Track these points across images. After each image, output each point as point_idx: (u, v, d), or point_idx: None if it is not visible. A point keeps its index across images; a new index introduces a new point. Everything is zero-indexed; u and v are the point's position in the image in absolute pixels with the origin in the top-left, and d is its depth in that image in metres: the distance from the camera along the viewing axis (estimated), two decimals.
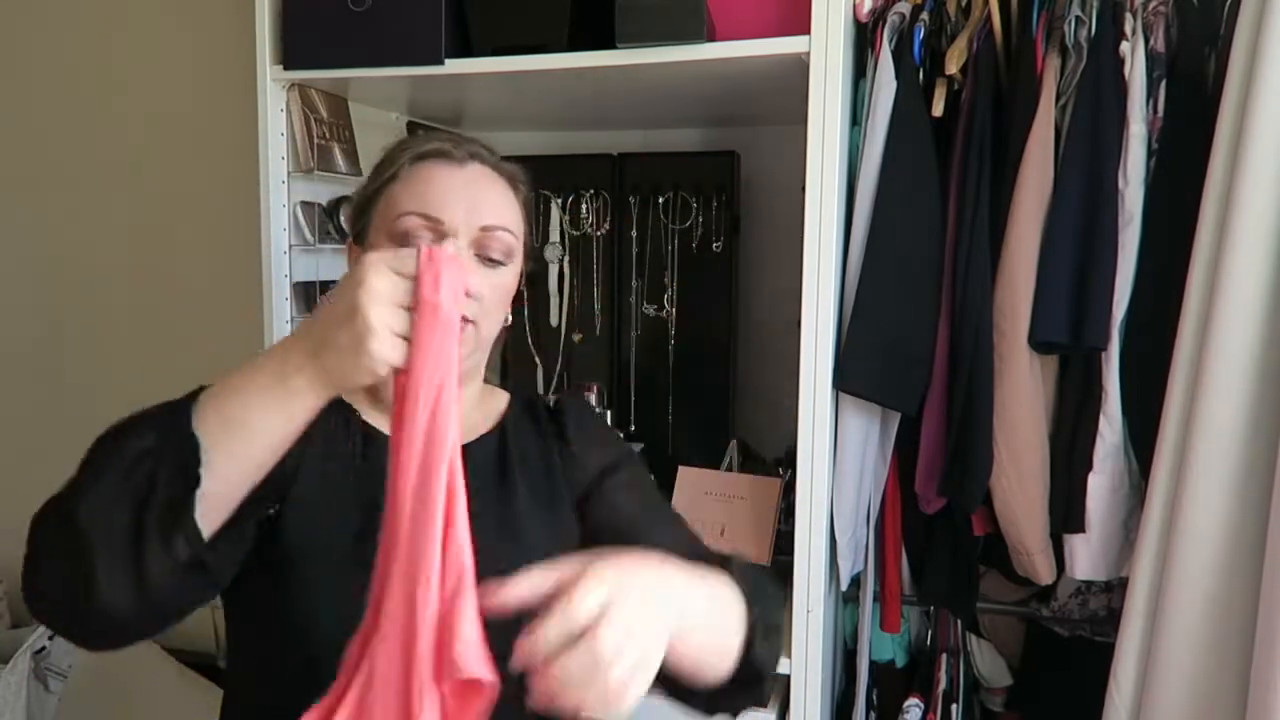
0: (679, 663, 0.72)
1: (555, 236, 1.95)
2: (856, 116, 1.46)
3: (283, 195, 1.57)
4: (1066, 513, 1.39)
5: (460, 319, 0.70)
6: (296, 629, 0.84)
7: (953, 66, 1.39)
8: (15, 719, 1.84)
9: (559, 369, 1.99)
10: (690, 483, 1.67)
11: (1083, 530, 1.38)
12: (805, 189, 1.34)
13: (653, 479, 1.06)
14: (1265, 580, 1.15)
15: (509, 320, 1.01)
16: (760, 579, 0.87)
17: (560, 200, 1.95)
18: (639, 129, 2.00)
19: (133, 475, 0.69)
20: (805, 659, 1.38)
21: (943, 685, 1.63)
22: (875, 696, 1.68)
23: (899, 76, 1.39)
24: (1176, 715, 1.24)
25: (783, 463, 1.74)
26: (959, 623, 1.70)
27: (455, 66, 1.45)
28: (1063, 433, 1.41)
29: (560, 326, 1.99)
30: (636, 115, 1.87)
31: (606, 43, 1.37)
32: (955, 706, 1.61)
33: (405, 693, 0.65)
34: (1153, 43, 1.33)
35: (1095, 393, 1.36)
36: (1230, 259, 1.18)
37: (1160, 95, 1.33)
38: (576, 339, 1.98)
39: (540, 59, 1.42)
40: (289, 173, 1.57)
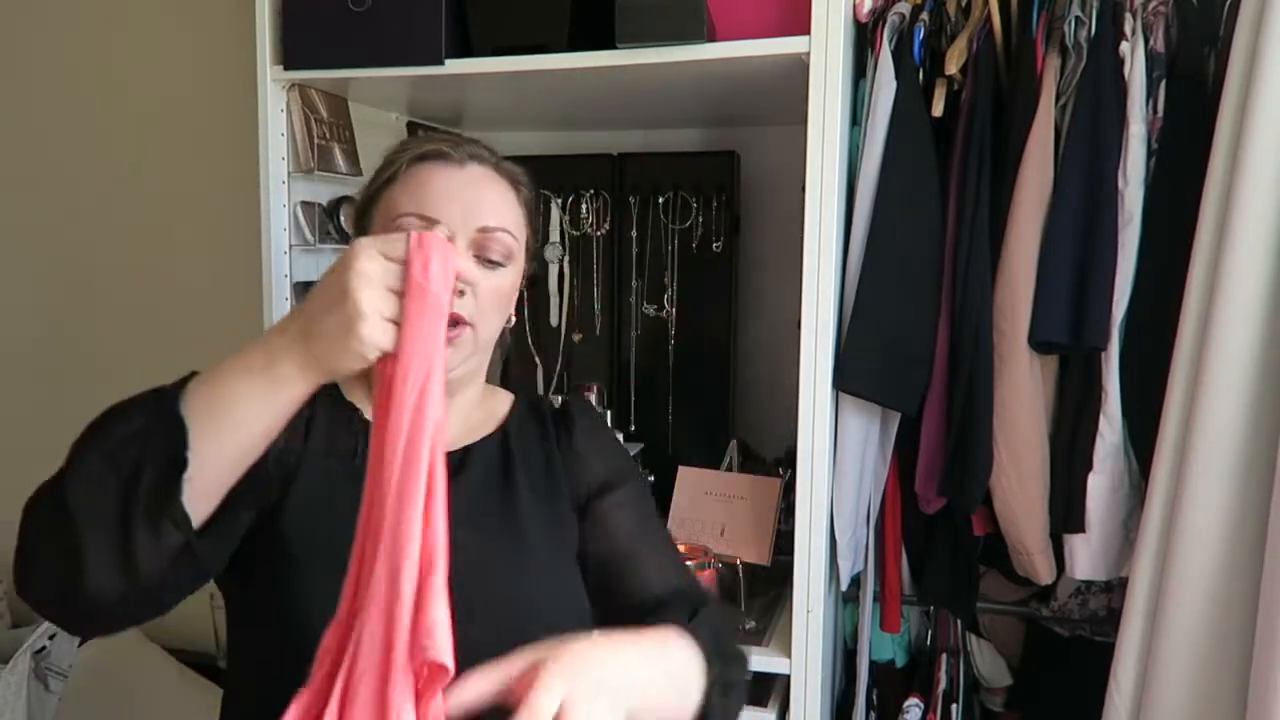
0: None
1: (555, 236, 1.96)
2: (856, 116, 1.46)
3: (283, 195, 1.57)
4: (1066, 513, 1.39)
5: (450, 304, 0.69)
6: (296, 628, 0.84)
7: (953, 66, 1.39)
8: (15, 719, 1.84)
9: (559, 369, 1.99)
10: (690, 483, 1.67)
11: (1083, 530, 1.38)
12: (805, 189, 1.34)
13: (651, 495, 1.06)
14: (1265, 579, 1.15)
15: (512, 321, 1.00)
16: (724, 633, 0.89)
17: (560, 200, 1.95)
18: (639, 129, 2.00)
19: (120, 459, 0.69)
20: (805, 659, 1.38)
21: (943, 685, 1.63)
22: (875, 696, 1.68)
23: (899, 76, 1.39)
24: (1176, 715, 1.24)
25: (783, 463, 1.74)
26: (959, 623, 1.70)
27: (455, 66, 1.45)
28: (1063, 433, 1.41)
29: (560, 326, 1.99)
30: (636, 115, 1.87)
31: (606, 43, 1.37)
32: (955, 706, 1.61)
33: (384, 677, 0.65)
34: (1152, 43, 1.33)
35: (1095, 393, 1.36)
36: (1230, 258, 1.18)
37: (1160, 95, 1.33)
38: (576, 339, 1.99)
39: (540, 59, 1.42)
40: (289, 173, 1.57)
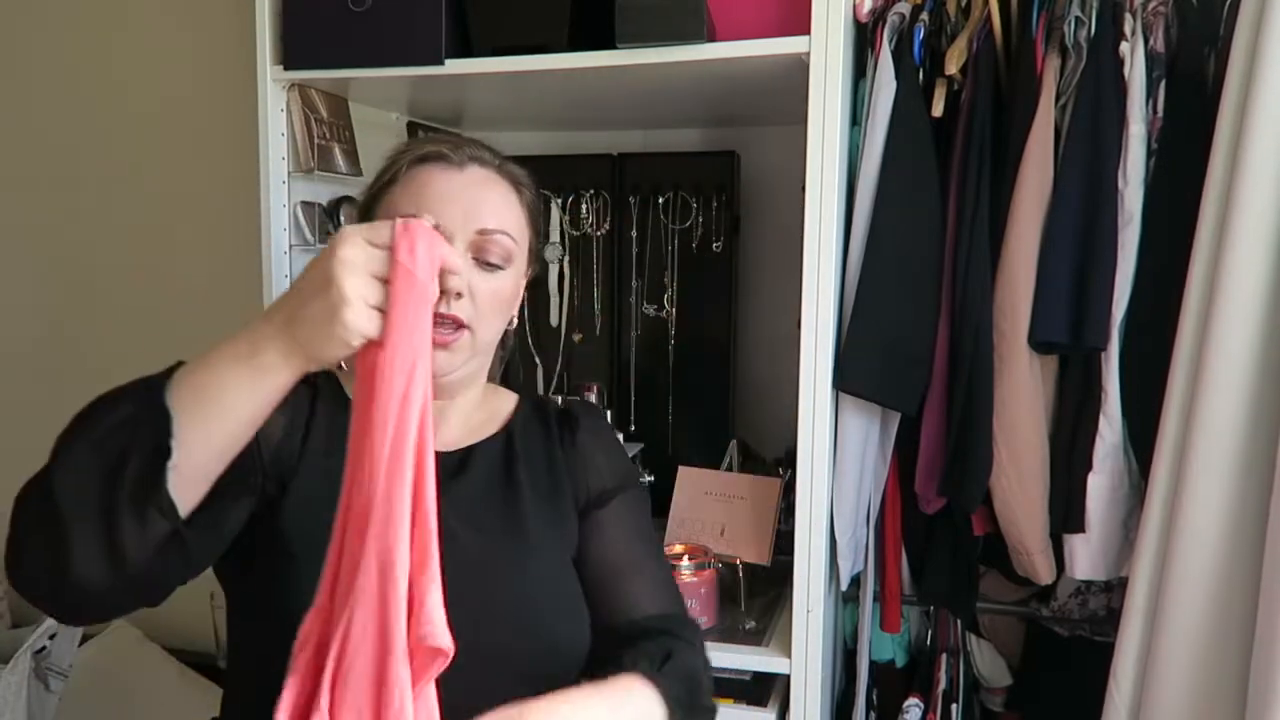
0: None
1: (555, 236, 1.96)
2: (856, 116, 1.46)
3: (283, 195, 1.57)
4: (1066, 513, 1.39)
5: (437, 291, 0.69)
6: (295, 624, 0.84)
7: (953, 66, 1.39)
8: (16, 719, 1.84)
9: (559, 369, 1.99)
10: (690, 483, 1.67)
11: (1082, 530, 1.38)
12: (805, 189, 1.34)
13: (649, 503, 1.06)
14: (1265, 578, 1.15)
15: (514, 323, 1.00)
16: (694, 683, 0.90)
17: (560, 200, 1.95)
18: (639, 129, 2.00)
19: (106, 448, 0.69)
20: (805, 659, 1.38)
21: (943, 685, 1.63)
22: (875, 696, 1.68)
23: (899, 76, 1.39)
24: (1176, 714, 1.24)
25: (783, 463, 1.74)
26: (959, 623, 1.70)
27: (455, 66, 1.45)
28: (1063, 433, 1.41)
29: (560, 326, 1.99)
30: (636, 115, 1.87)
31: (606, 43, 1.37)
32: (955, 706, 1.61)
33: (381, 666, 0.65)
34: (1152, 43, 1.33)
35: (1095, 393, 1.36)
36: (1230, 258, 1.18)
37: (1160, 95, 1.33)
38: (576, 339, 1.99)
39: (540, 59, 1.42)
40: (289, 173, 1.57)
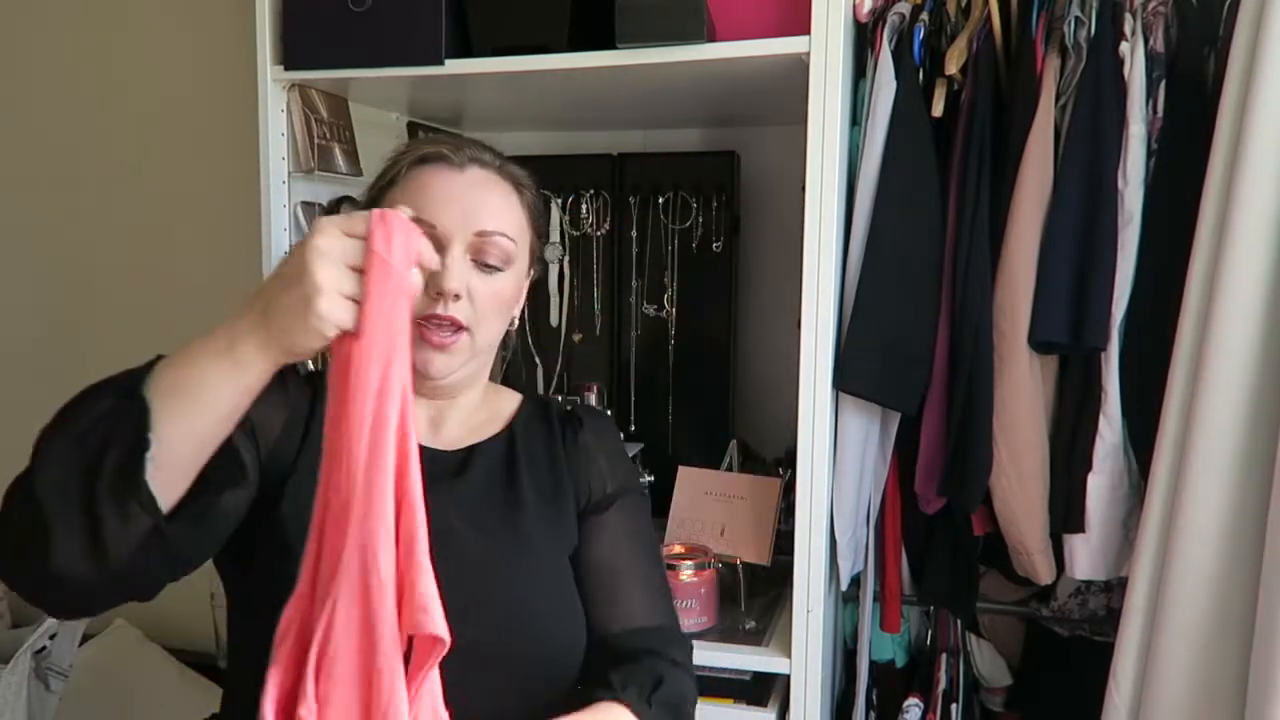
0: None
1: (555, 236, 1.95)
2: (856, 116, 1.46)
3: (283, 195, 1.57)
4: (1066, 513, 1.39)
5: (415, 281, 0.69)
6: None
7: (953, 67, 1.39)
8: (16, 719, 1.84)
9: (559, 369, 1.99)
10: (690, 483, 1.67)
11: (1082, 530, 1.38)
12: (805, 189, 1.34)
13: (649, 508, 1.06)
14: (1265, 576, 1.15)
15: (514, 324, 1.00)
16: (679, 705, 0.91)
17: (560, 200, 1.95)
18: (639, 129, 2.00)
19: (86, 441, 0.69)
20: (805, 659, 1.38)
21: (943, 685, 1.63)
22: (875, 696, 1.68)
23: (899, 76, 1.39)
24: (1176, 713, 1.24)
25: (783, 463, 1.74)
26: (959, 623, 1.70)
27: (455, 67, 1.45)
28: (1063, 433, 1.41)
29: (560, 326, 1.99)
30: (636, 115, 1.87)
31: (606, 43, 1.37)
32: (955, 706, 1.61)
33: (368, 656, 0.65)
34: (1152, 43, 1.33)
35: (1095, 393, 1.36)
36: (1230, 257, 1.18)
37: (1160, 95, 1.33)
38: (576, 339, 1.99)
39: (540, 59, 1.42)
40: (289, 173, 1.57)
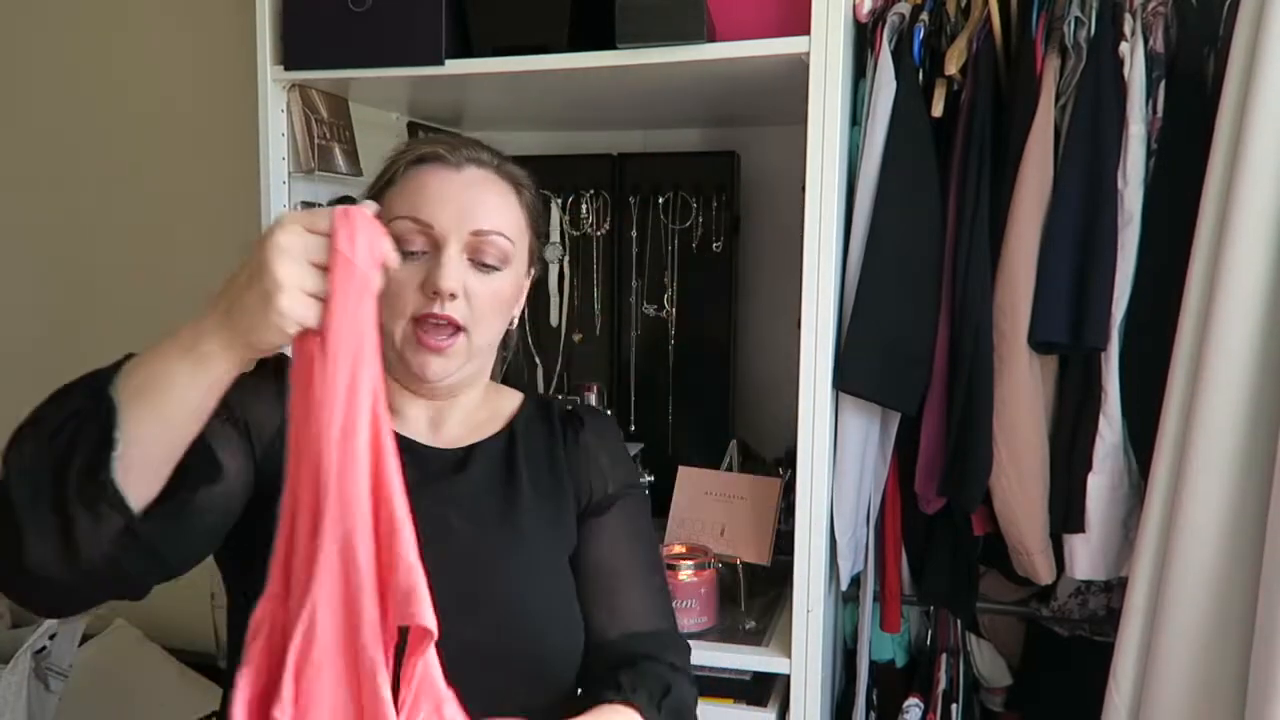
0: None
1: (555, 236, 1.96)
2: (856, 116, 1.46)
3: (283, 195, 1.57)
4: (1066, 513, 1.39)
5: (379, 278, 0.68)
6: None
7: (952, 67, 1.39)
8: (16, 719, 1.84)
9: (559, 369, 2.00)
10: (690, 483, 1.67)
11: (1082, 530, 1.38)
12: (805, 189, 1.34)
13: (649, 509, 1.06)
14: (1265, 575, 1.15)
15: (514, 324, 1.00)
16: (685, 714, 0.92)
17: (560, 200, 1.95)
18: (639, 129, 2.00)
19: (55, 442, 0.69)
20: (805, 659, 1.38)
21: (943, 685, 1.63)
22: (875, 696, 1.68)
23: (899, 76, 1.39)
24: (1176, 712, 1.24)
25: (783, 463, 1.74)
26: (959, 623, 1.70)
27: (455, 67, 1.45)
28: (1063, 433, 1.41)
29: (560, 326, 1.99)
30: (636, 115, 1.87)
31: (606, 43, 1.37)
32: (955, 706, 1.61)
33: (353, 655, 0.66)
34: (1152, 43, 1.33)
35: (1095, 393, 1.36)
36: (1230, 257, 1.18)
37: (1160, 95, 1.33)
38: (576, 339, 1.99)
39: (540, 59, 1.42)
40: (289, 173, 1.57)
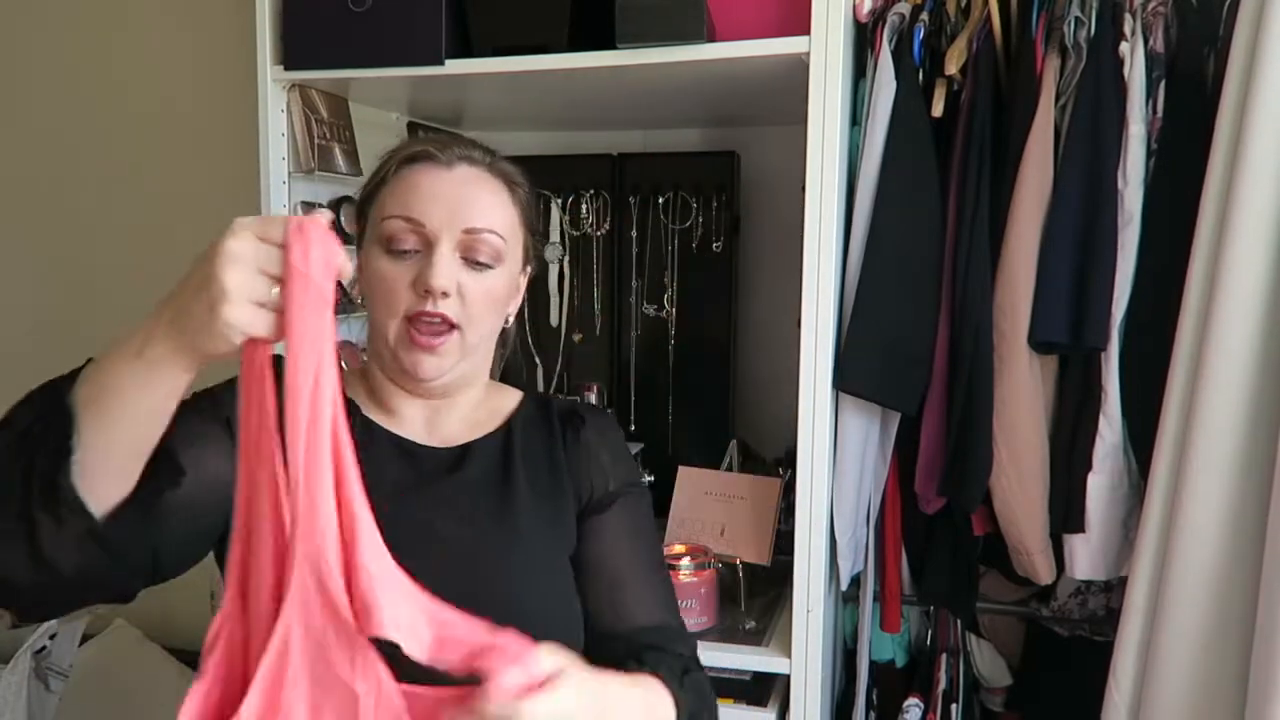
0: None
1: (555, 236, 1.96)
2: (856, 116, 1.46)
3: (283, 195, 1.57)
4: (1066, 513, 1.39)
5: (334, 292, 0.67)
6: None
7: (953, 67, 1.39)
8: (16, 718, 1.84)
9: (559, 369, 2.00)
10: (690, 483, 1.67)
11: (1082, 530, 1.38)
12: (805, 189, 1.34)
13: (651, 506, 1.05)
14: (1265, 575, 1.15)
15: (509, 322, 1.01)
16: (706, 697, 0.92)
17: (560, 200, 1.95)
18: (639, 129, 2.00)
19: (18, 448, 0.69)
20: (805, 659, 1.38)
21: (943, 685, 1.63)
22: (875, 696, 1.68)
23: (899, 76, 1.39)
24: (1176, 712, 1.24)
25: (783, 463, 1.74)
26: (959, 623, 1.70)
27: (455, 67, 1.45)
28: (1063, 433, 1.41)
29: (560, 326, 1.99)
30: (636, 115, 1.87)
31: (606, 43, 1.37)
32: (955, 706, 1.61)
33: (331, 675, 0.66)
34: (1152, 43, 1.33)
35: (1095, 393, 1.36)
36: (1230, 257, 1.18)
37: (1160, 95, 1.33)
38: (576, 339, 1.99)
39: (540, 59, 1.42)
40: (289, 173, 1.57)
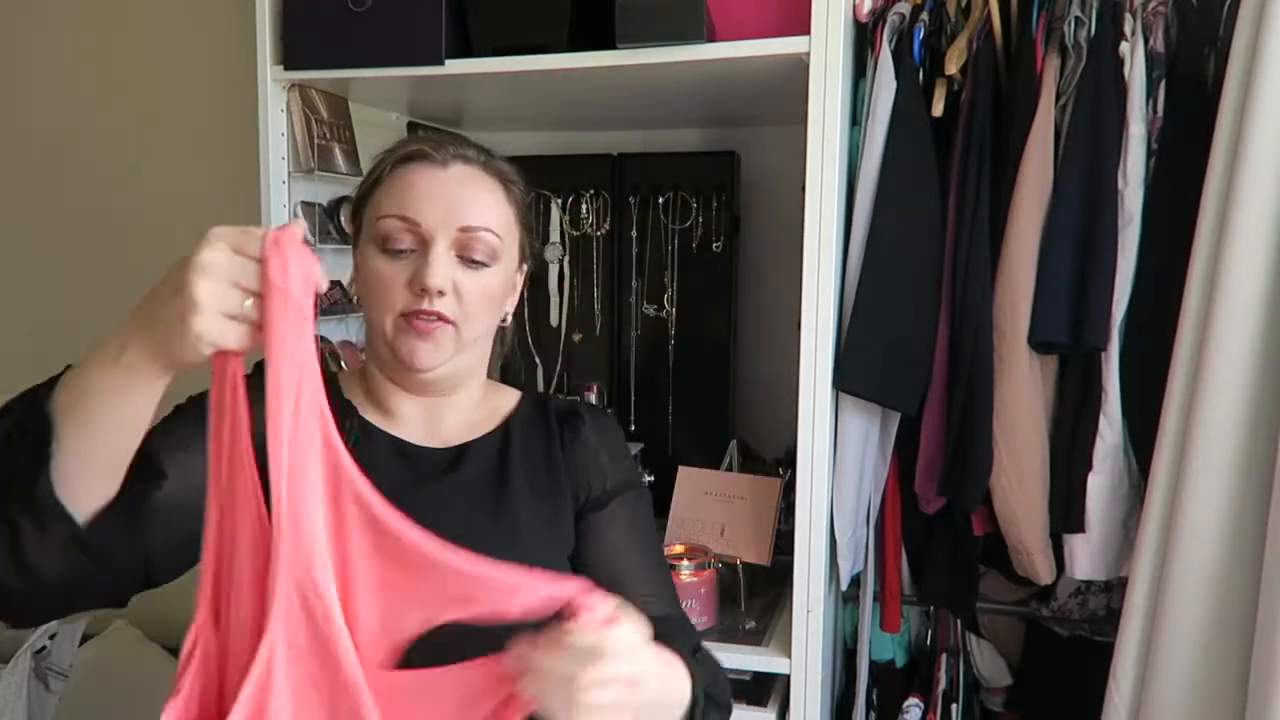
0: None
1: (555, 236, 1.96)
2: (856, 116, 1.46)
3: (283, 195, 1.57)
4: (1066, 513, 1.39)
5: (313, 307, 0.68)
6: None
7: (953, 66, 1.39)
8: (16, 718, 1.84)
9: (559, 369, 2.00)
10: (690, 483, 1.67)
11: (1082, 530, 1.38)
12: (805, 189, 1.34)
13: (650, 504, 1.05)
14: (1265, 575, 1.15)
15: (507, 319, 1.01)
16: (718, 678, 0.92)
17: (560, 200, 1.95)
18: (639, 129, 2.00)
19: (2, 452, 0.70)
20: (805, 659, 1.38)
21: (943, 685, 1.63)
22: (875, 696, 1.68)
23: (899, 76, 1.39)
24: (1176, 712, 1.24)
25: (783, 463, 1.74)
26: (959, 623, 1.70)
27: (455, 67, 1.45)
28: (1063, 433, 1.41)
29: (560, 326, 1.99)
30: (636, 115, 1.87)
31: (606, 43, 1.37)
32: (955, 706, 1.61)
33: (328, 686, 0.68)
34: (1152, 43, 1.33)
35: (1095, 393, 1.36)
36: (1230, 257, 1.18)
37: (1160, 95, 1.33)
38: (576, 339, 1.99)
39: (540, 59, 1.42)
40: (289, 173, 1.57)
